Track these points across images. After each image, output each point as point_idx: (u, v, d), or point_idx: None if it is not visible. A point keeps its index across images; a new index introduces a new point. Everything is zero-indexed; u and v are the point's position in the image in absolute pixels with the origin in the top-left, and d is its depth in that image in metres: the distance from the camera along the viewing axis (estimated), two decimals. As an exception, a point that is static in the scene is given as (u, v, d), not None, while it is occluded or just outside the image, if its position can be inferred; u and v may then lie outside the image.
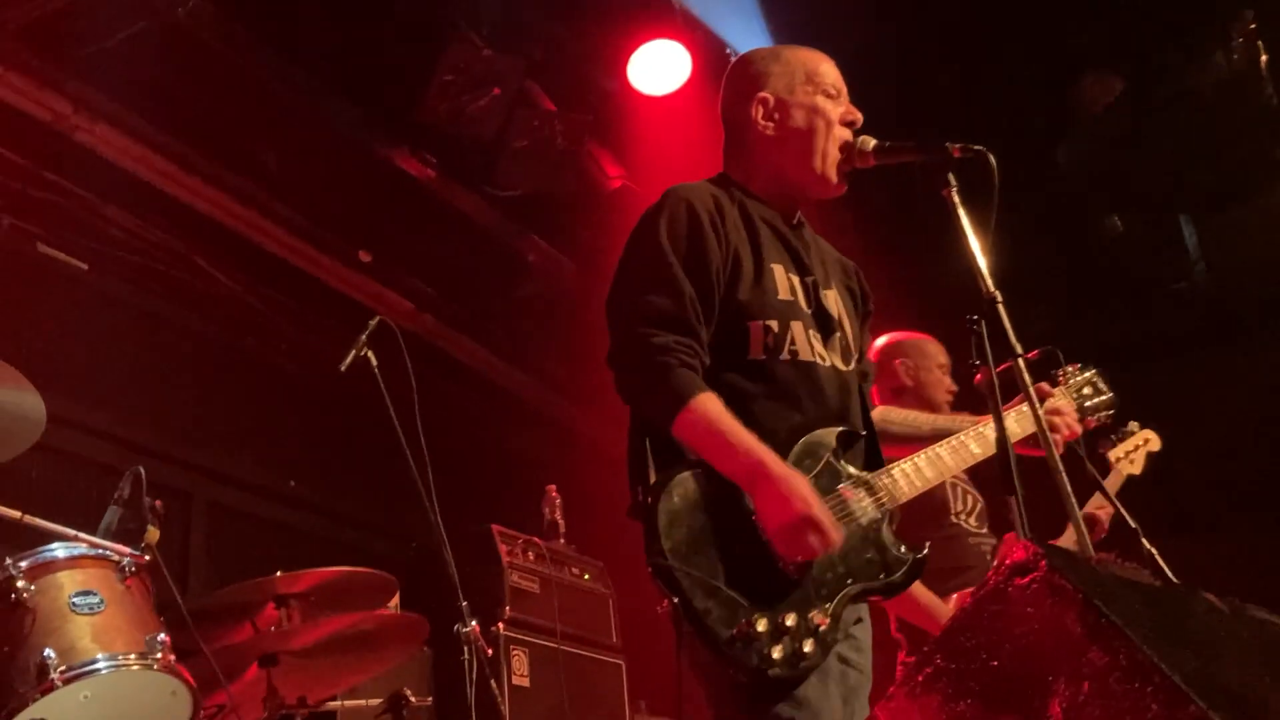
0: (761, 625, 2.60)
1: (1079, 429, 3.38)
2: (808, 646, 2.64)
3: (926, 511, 4.35)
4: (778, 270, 3.03)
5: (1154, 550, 2.97)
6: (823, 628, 2.68)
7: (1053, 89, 7.12)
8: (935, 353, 4.76)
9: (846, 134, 3.12)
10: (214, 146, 6.09)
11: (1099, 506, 4.75)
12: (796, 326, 2.98)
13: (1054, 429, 3.27)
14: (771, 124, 3.16)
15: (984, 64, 6.78)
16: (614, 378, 2.89)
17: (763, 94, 3.17)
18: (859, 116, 3.15)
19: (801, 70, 3.17)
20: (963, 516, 4.49)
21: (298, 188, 6.49)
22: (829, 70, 3.19)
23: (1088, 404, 3.51)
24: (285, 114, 6.22)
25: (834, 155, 3.12)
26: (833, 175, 3.13)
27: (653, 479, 2.78)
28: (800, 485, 2.72)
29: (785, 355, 2.94)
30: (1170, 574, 2.82)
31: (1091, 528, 4.68)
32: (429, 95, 6.27)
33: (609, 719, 6.18)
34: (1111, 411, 3.56)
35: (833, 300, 3.12)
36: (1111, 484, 4.86)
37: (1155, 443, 4.96)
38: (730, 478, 2.74)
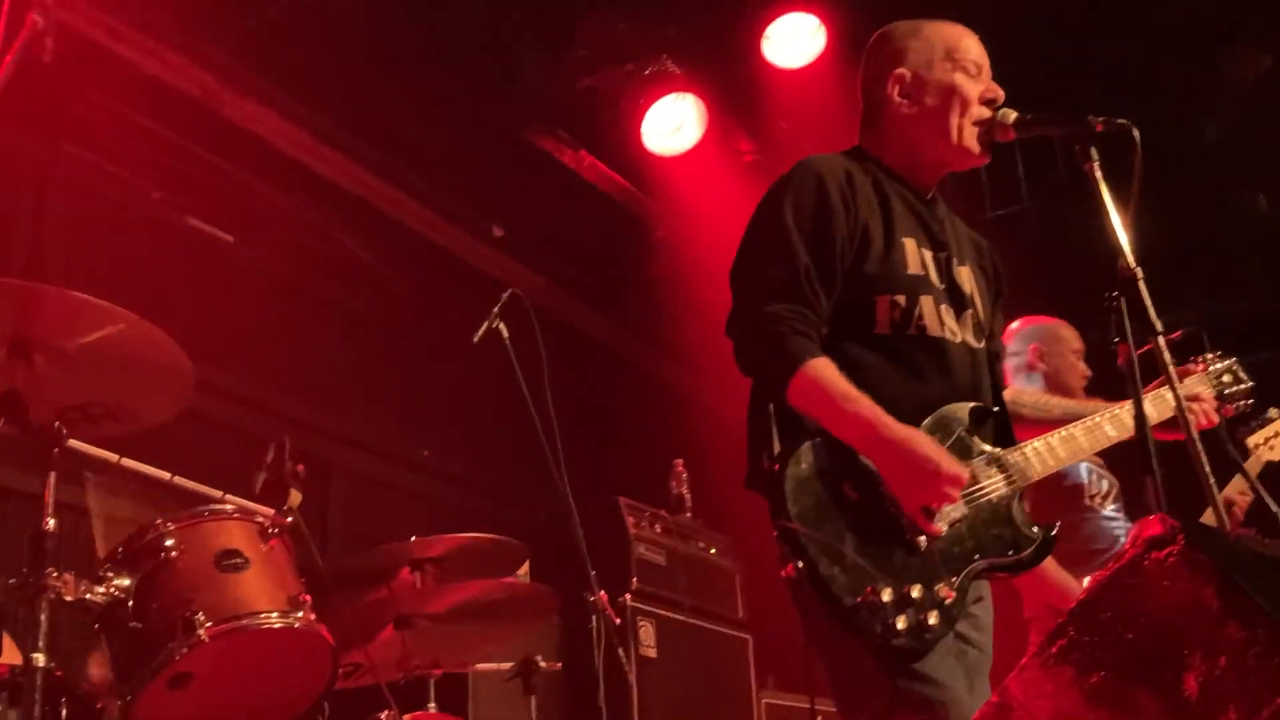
0: (886, 595, 2.60)
1: (1216, 418, 3.33)
2: (932, 619, 2.63)
3: (1060, 495, 4.30)
4: (909, 244, 3.00)
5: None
6: (948, 601, 2.67)
7: (1199, 63, 6.93)
8: (1070, 338, 4.70)
9: (985, 112, 3.06)
10: (354, 121, 6.21)
11: (1239, 493, 4.66)
12: (926, 301, 2.95)
13: (1191, 414, 3.21)
14: (907, 101, 3.12)
15: (1130, 37, 6.63)
16: (732, 347, 2.91)
17: (900, 70, 3.13)
18: (1000, 94, 3.09)
19: (941, 46, 3.11)
20: (1097, 500, 4.43)
21: (434, 163, 6.60)
22: (971, 45, 3.13)
23: (1226, 392, 3.45)
24: (423, 89, 6.32)
25: (970, 131, 3.06)
26: (972, 147, 3.08)
27: (776, 448, 2.78)
28: (920, 440, 2.72)
29: (913, 330, 2.92)
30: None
31: (1229, 513, 4.59)
32: (564, 69, 6.32)
33: (736, 694, 6.21)
34: (1251, 400, 3.49)
35: (966, 276, 3.08)
36: (1250, 470, 4.76)
37: None
38: (847, 441, 2.74)
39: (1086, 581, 4.18)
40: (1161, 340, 2.64)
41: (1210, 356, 3.52)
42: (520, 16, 6.23)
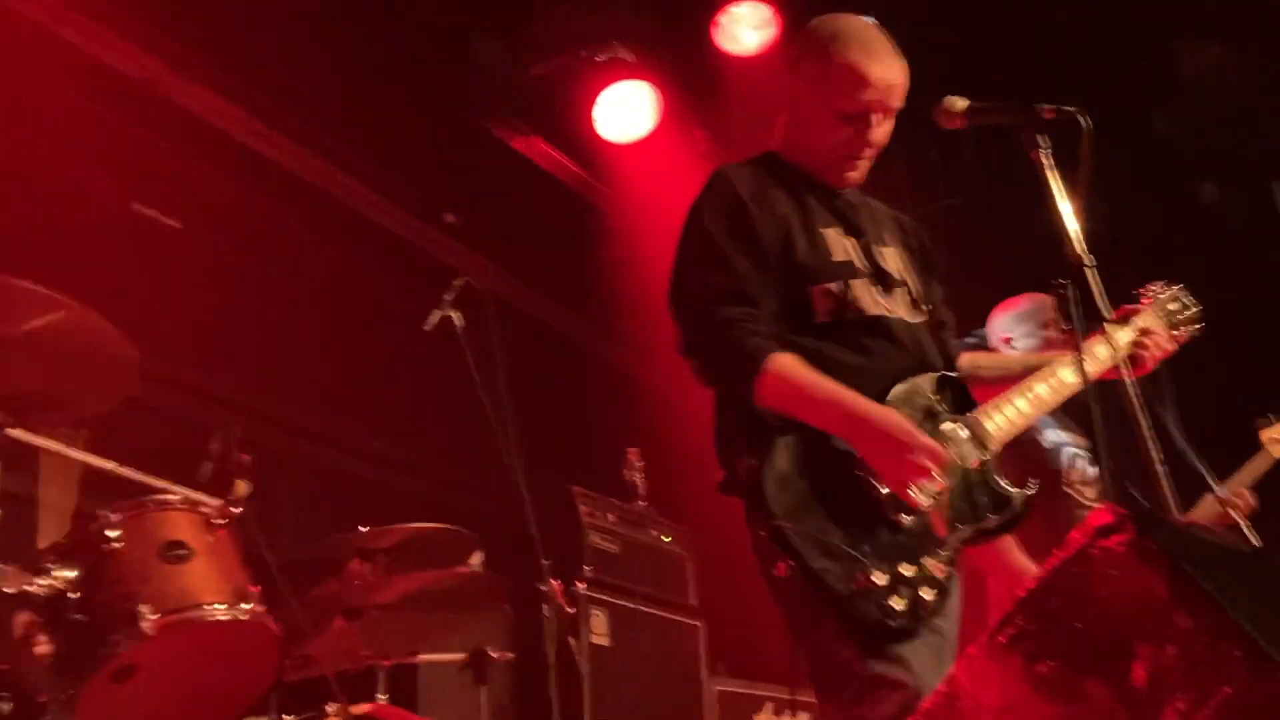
0: (880, 578, 2.64)
1: (1171, 347, 3.35)
2: (926, 594, 2.68)
3: (1037, 477, 4.26)
4: (831, 234, 3.07)
5: (1240, 520, 2.92)
6: (939, 574, 2.71)
7: (1150, 53, 6.98)
8: (1040, 312, 4.61)
9: (838, 156, 3.11)
10: (304, 106, 6.14)
11: (1244, 486, 4.69)
12: (858, 284, 3.01)
13: (1145, 348, 3.25)
14: (790, 106, 3.19)
15: (1081, 25, 6.66)
16: (691, 365, 2.93)
17: (792, 78, 3.18)
18: (866, 150, 3.12)
19: (847, 79, 3.06)
20: (1077, 487, 4.41)
21: (386, 148, 6.54)
22: (876, 86, 3.06)
23: (1176, 319, 3.47)
24: (376, 75, 6.26)
25: (827, 160, 3.14)
26: (827, 173, 3.15)
27: (749, 450, 2.81)
28: (892, 416, 2.77)
29: (852, 314, 2.98)
30: (1258, 541, 2.78)
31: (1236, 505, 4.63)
32: (518, 56, 6.28)
33: (687, 681, 6.20)
34: (1201, 325, 3.51)
35: (889, 256, 3.14)
36: (1259, 465, 4.79)
37: None
38: (822, 428, 2.77)
39: None
40: (1110, 327, 2.66)
41: (1153, 287, 3.54)
42: (474, 2, 6.19)
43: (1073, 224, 2.68)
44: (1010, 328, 4.66)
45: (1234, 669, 1.66)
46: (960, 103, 3.02)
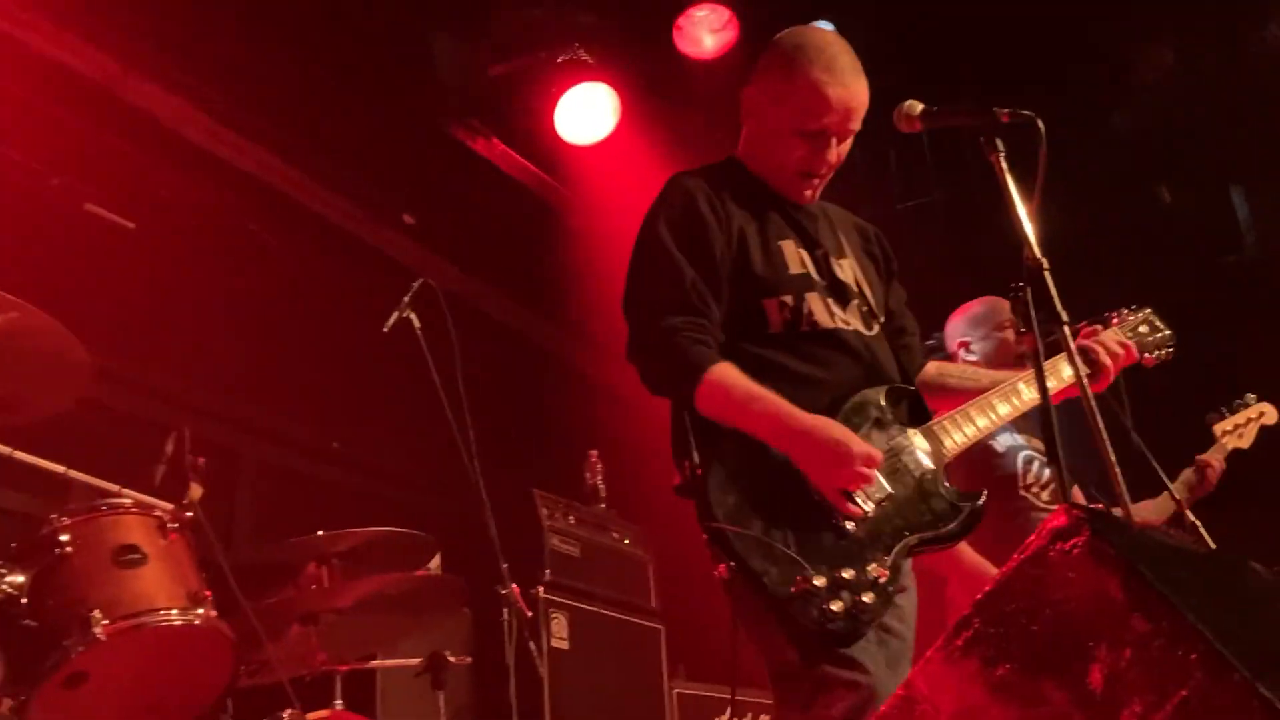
0: (819, 581, 2.63)
1: (1136, 353, 3.35)
2: (867, 598, 2.67)
3: (992, 483, 4.26)
4: (787, 246, 3.08)
5: (1197, 521, 2.94)
6: (881, 579, 2.70)
7: (1104, 58, 7.03)
8: (995, 314, 4.62)
9: (795, 174, 3.13)
10: (262, 106, 6.09)
11: (1207, 463, 4.73)
12: (812, 297, 3.02)
13: (1108, 354, 3.25)
14: (751, 118, 3.21)
15: (1037, 31, 6.70)
16: (637, 372, 2.95)
17: (755, 90, 3.19)
18: (821, 170, 3.13)
19: (806, 99, 3.07)
20: (1034, 490, 4.41)
21: (344, 149, 6.50)
22: (836, 108, 3.06)
23: (1147, 340, 3.47)
24: (334, 75, 6.22)
25: (782, 177, 3.15)
26: (784, 189, 3.16)
27: (696, 453, 2.82)
28: (829, 426, 2.77)
29: (805, 327, 2.99)
30: (1213, 543, 2.79)
31: (1201, 478, 4.68)
32: (477, 57, 6.26)
33: (647, 684, 6.19)
34: (1172, 348, 3.53)
35: (847, 268, 3.15)
36: (1215, 457, 4.83)
37: (1272, 416, 4.89)
38: (760, 438, 2.78)
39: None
40: (1067, 330, 2.66)
41: (1124, 311, 3.56)
42: (434, 3, 6.16)
43: (1029, 227, 2.68)
44: (966, 332, 4.67)
45: (1190, 672, 1.66)
46: (918, 106, 3.03)
